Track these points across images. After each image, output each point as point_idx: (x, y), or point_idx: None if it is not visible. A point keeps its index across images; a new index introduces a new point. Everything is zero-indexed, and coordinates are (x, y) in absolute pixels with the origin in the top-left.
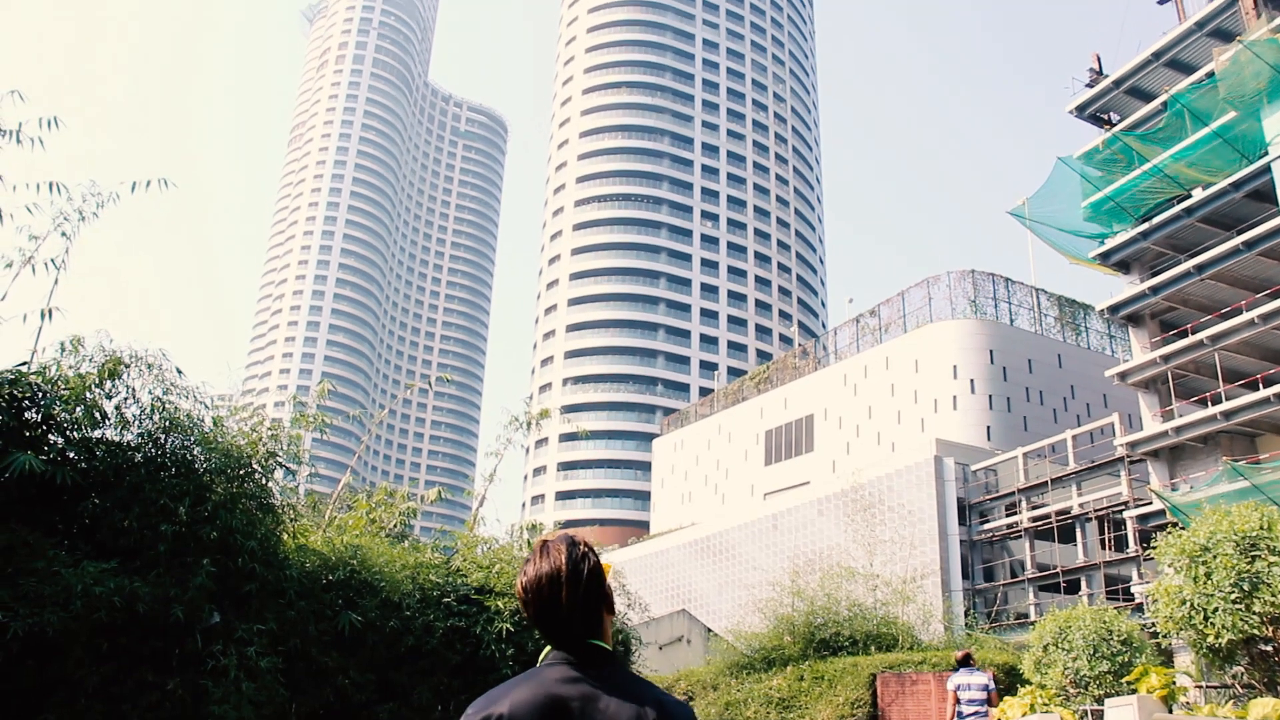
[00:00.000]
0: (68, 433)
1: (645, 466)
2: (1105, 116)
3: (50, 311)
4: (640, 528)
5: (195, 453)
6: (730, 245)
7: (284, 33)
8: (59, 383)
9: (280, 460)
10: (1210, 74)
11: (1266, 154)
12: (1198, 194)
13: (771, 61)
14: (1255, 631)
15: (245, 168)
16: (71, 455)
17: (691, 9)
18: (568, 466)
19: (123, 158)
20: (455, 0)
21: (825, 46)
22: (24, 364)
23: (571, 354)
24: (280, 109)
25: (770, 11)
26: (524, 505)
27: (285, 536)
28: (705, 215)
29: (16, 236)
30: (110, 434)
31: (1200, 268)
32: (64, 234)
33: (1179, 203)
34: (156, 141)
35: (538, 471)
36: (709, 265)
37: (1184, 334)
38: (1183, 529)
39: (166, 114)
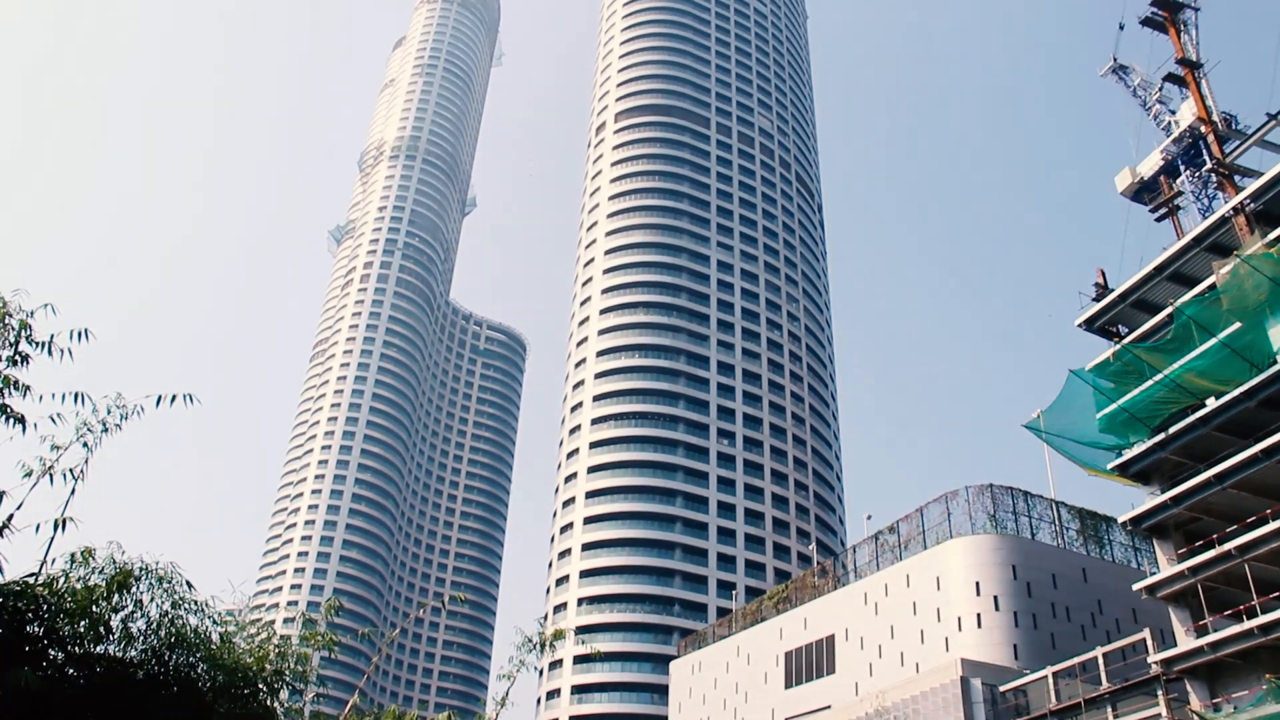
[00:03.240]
0: (69, 647)
1: (662, 690)
2: (1113, 329)
3: (64, 522)
4: None
5: (200, 670)
6: (747, 463)
7: (310, 251)
8: (65, 595)
9: (287, 679)
10: (1212, 286)
11: (1275, 363)
12: (1211, 404)
13: (785, 282)
14: None
15: (265, 379)
16: (71, 671)
17: (706, 232)
18: (582, 690)
19: (141, 365)
20: (477, 221)
21: (837, 264)
22: (32, 575)
23: (587, 573)
24: (303, 324)
25: (783, 234)
26: None
27: None
28: (721, 434)
29: (39, 446)
30: (113, 649)
31: (1221, 477)
32: (85, 445)
33: (1193, 412)
34: (177, 351)
35: (551, 695)
36: (725, 484)
37: (1210, 545)
38: None
39: (186, 325)
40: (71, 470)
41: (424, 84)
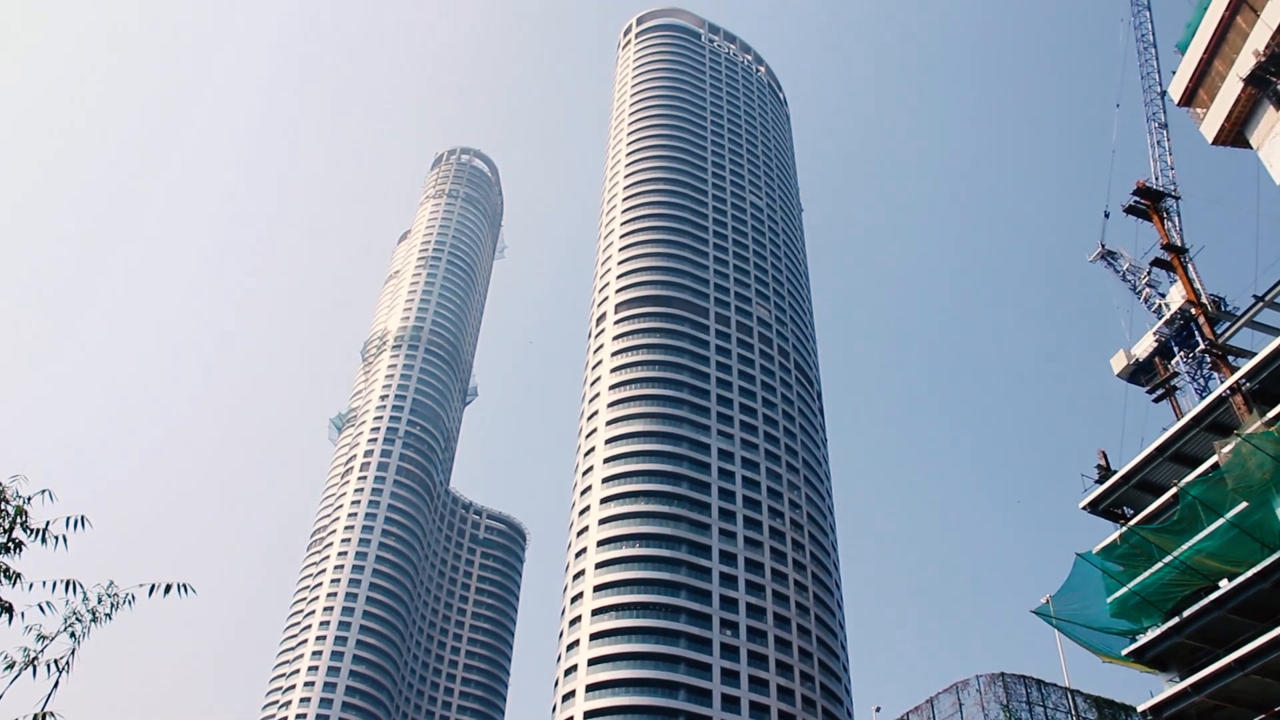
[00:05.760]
0: None
1: None
2: (1118, 511)
3: (44, 717)
4: None
5: None
6: (751, 655)
7: (310, 439)
8: None
9: None
10: (1215, 466)
11: None
12: (1225, 585)
13: (786, 470)
14: None
15: (261, 567)
16: None
17: (706, 421)
18: None
19: (135, 550)
20: (478, 411)
21: (837, 450)
22: None
23: None
24: (301, 511)
25: (783, 423)
26: None
27: None
28: (724, 624)
29: (24, 636)
30: None
31: (1242, 663)
32: (73, 635)
33: (1207, 595)
34: (172, 536)
35: None
36: (730, 676)
37: None
38: None
39: (183, 509)
40: (56, 662)
41: (428, 275)
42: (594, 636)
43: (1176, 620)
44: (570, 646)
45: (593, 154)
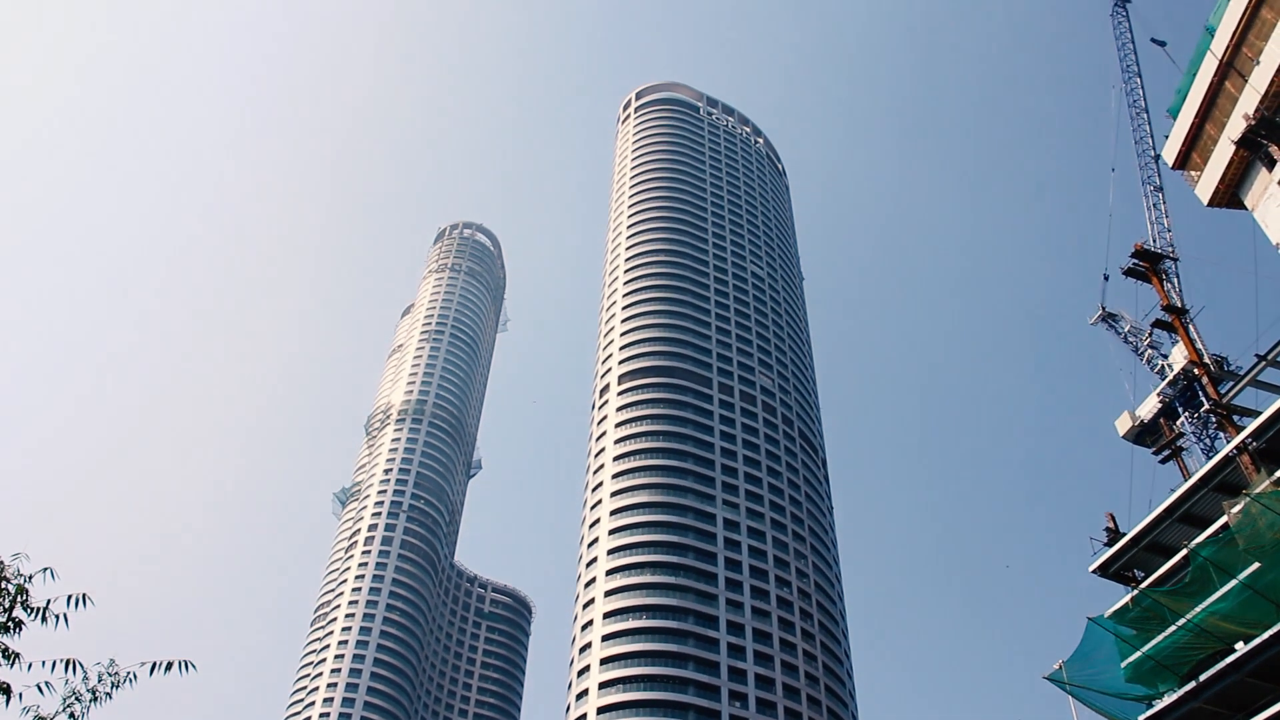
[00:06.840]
0: None
1: None
2: (1129, 573)
3: None
4: None
5: None
6: None
7: (315, 514)
8: None
9: None
10: (1225, 526)
11: None
12: (1241, 648)
13: (792, 538)
14: None
15: (264, 644)
16: None
17: (711, 491)
18: None
19: (135, 627)
20: (482, 483)
21: (843, 516)
22: None
23: None
24: (304, 587)
25: (789, 491)
26: None
27: None
28: (733, 696)
29: (22, 717)
30: None
31: None
32: (71, 715)
33: (1223, 658)
34: (174, 614)
35: None
36: None
37: None
38: None
39: (185, 587)
40: None
41: (431, 349)
42: (601, 710)
43: (1193, 685)
44: None
45: (594, 226)
